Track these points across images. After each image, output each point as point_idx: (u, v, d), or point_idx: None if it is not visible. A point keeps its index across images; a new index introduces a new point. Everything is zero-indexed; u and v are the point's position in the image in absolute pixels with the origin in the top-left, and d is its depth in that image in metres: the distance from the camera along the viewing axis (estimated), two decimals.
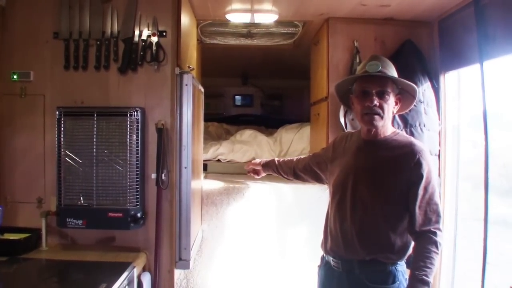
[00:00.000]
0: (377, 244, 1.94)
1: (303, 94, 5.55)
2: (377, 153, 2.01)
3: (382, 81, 1.97)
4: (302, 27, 3.68)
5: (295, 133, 4.46)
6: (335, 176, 2.11)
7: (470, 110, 3.07)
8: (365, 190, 1.96)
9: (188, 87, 2.60)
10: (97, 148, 2.43)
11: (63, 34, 2.54)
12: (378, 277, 1.93)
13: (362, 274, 1.94)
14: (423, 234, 1.88)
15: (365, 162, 2.01)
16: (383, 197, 1.94)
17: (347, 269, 1.99)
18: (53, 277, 2.21)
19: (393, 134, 2.04)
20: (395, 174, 1.93)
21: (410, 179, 1.90)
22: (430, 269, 1.81)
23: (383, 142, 2.02)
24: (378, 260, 1.93)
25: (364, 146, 2.06)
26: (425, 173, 1.89)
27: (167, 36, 2.56)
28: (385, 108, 1.96)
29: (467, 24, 2.75)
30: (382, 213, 1.93)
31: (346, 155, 2.11)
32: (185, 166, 2.61)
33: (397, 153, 1.96)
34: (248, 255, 3.28)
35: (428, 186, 1.90)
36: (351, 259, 1.98)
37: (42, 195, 2.58)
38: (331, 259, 2.07)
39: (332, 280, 2.06)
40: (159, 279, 2.56)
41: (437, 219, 1.90)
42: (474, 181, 2.98)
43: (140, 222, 2.47)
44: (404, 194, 1.91)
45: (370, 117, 1.96)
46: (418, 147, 1.95)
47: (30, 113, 2.58)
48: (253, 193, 3.34)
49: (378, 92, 1.95)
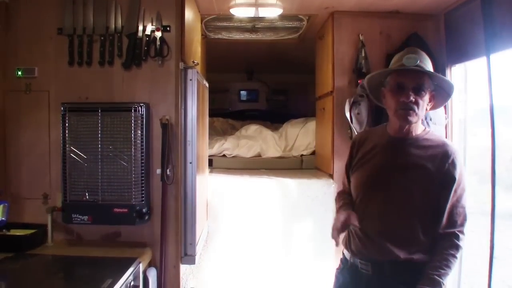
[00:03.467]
0: (409, 243, 1.86)
1: (308, 89, 5.53)
2: (410, 152, 1.92)
3: (419, 76, 1.88)
4: (307, 21, 3.66)
5: (301, 128, 4.46)
6: (364, 175, 2.03)
7: (477, 104, 3.05)
8: (399, 188, 1.90)
9: (192, 82, 2.59)
10: (102, 144, 2.43)
11: (67, 30, 2.54)
12: (411, 278, 1.83)
13: (394, 276, 1.87)
14: (446, 236, 1.83)
15: (398, 161, 1.93)
16: (416, 196, 1.88)
17: (378, 271, 1.90)
18: (59, 272, 2.22)
19: (424, 133, 1.97)
20: (429, 174, 1.86)
21: (443, 180, 1.85)
22: (445, 270, 1.77)
23: (414, 140, 1.94)
24: (411, 262, 1.85)
25: (394, 144, 1.97)
26: (457, 175, 1.84)
27: (171, 31, 2.55)
28: (420, 105, 1.87)
29: (473, 16, 2.72)
30: (415, 212, 1.87)
31: (374, 154, 2.02)
32: (190, 161, 2.60)
33: (431, 152, 1.89)
34: (253, 250, 3.27)
35: (458, 188, 1.85)
36: (382, 261, 1.89)
37: (47, 191, 2.58)
38: (358, 261, 1.97)
39: (359, 283, 1.96)
40: (165, 274, 2.56)
41: (462, 222, 1.84)
42: (480, 175, 2.96)
43: (145, 217, 2.47)
44: (436, 194, 1.85)
45: (405, 113, 1.87)
46: (452, 147, 1.90)
47: (35, 109, 2.58)
48: (259, 188, 3.34)
49: (414, 88, 1.86)
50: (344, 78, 3.23)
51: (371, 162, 2.01)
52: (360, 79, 3.04)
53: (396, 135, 1.97)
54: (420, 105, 1.87)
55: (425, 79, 1.89)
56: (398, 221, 1.89)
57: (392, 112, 1.94)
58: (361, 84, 2.94)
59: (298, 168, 4.11)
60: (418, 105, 1.87)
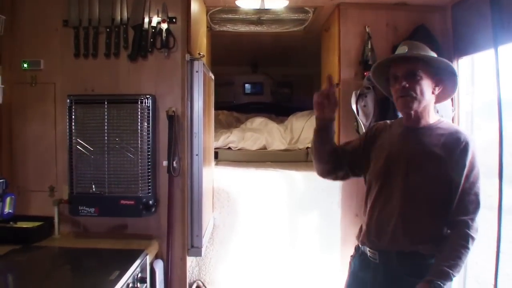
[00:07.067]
0: (421, 233, 1.87)
1: (313, 81, 5.51)
2: (423, 140, 1.93)
3: (410, 63, 1.92)
4: (312, 13, 3.64)
5: (306, 120, 4.44)
6: (378, 165, 2.03)
7: (483, 96, 3.03)
8: (412, 178, 1.90)
9: (198, 73, 2.58)
10: (108, 136, 2.43)
11: (73, 22, 2.53)
12: (417, 270, 1.83)
13: (401, 267, 1.87)
14: (458, 224, 1.82)
15: (411, 150, 1.94)
16: (430, 184, 1.88)
17: (385, 260, 1.92)
18: (66, 264, 2.22)
19: (438, 122, 1.97)
20: (442, 162, 1.86)
21: (455, 167, 1.84)
22: (455, 261, 1.75)
23: (427, 129, 1.95)
24: (418, 252, 1.85)
25: (408, 133, 1.99)
26: (468, 161, 1.84)
27: (177, 22, 2.54)
28: (417, 90, 1.89)
29: (481, 8, 2.69)
30: (428, 201, 1.88)
31: (389, 144, 2.03)
32: (196, 153, 2.60)
33: (444, 140, 1.89)
34: (259, 242, 3.28)
35: (470, 174, 1.84)
36: (389, 251, 1.90)
37: (54, 184, 2.59)
38: (368, 249, 1.99)
39: (368, 271, 1.98)
40: (171, 266, 2.57)
41: (475, 210, 1.83)
42: (485, 169, 2.95)
43: (152, 209, 2.47)
44: (449, 182, 1.85)
45: (403, 100, 1.91)
46: (464, 134, 1.90)
47: (41, 101, 2.58)
48: (264, 180, 3.33)
49: (406, 74, 1.90)
50: (350, 70, 3.20)
51: (385, 153, 2.01)
52: (367, 71, 3.02)
53: (408, 125, 1.99)
54: (417, 90, 1.89)
55: (418, 65, 1.91)
56: (411, 210, 1.89)
57: (395, 103, 1.99)
58: (368, 76, 2.92)
59: (304, 161, 4.09)
60: (415, 90, 1.89)
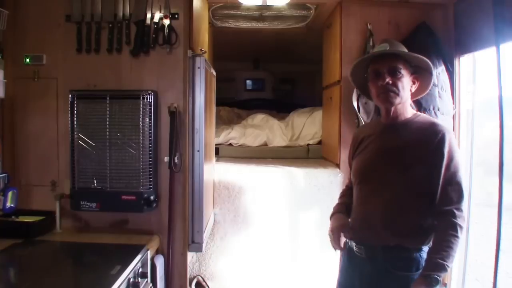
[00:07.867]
0: (403, 227, 1.89)
1: (314, 78, 5.52)
2: (400, 135, 1.97)
3: (392, 59, 1.96)
4: (314, 9, 3.64)
5: (307, 117, 4.45)
6: (359, 162, 2.09)
7: (484, 94, 3.03)
8: (391, 172, 1.93)
9: (200, 70, 2.58)
10: (110, 131, 2.44)
11: (75, 17, 2.53)
12: (402, 264, 1.87)
13: (386, 261, 1.89)
14: (443, 215, 1.83)
15: (390, 144, 1.98)
16: (409, 178, 1.90)
17: (370, 255, 1.95)
18: (67, 259, 2.24)
19: (414, 116, 2.02)
20: (420, 154, 1.89)
21: (433, 158, 1.87)
22: (447, 252, 1.76)
23: (405, 124, 1.99)
24: (403, 246, 1.88)
25: (386, 130, 2.03)
26: (446, 151, 1.86)
27: (179, 18, 2.54)
28: (399, 86, 1.94)
29: (483, 5, 2.69)
30: (408, 194, 1.90)
31: (369, 142, 2.08)
32: (198, 149, 2.61)
33: (421, 133, 1.93)
34: (259, 239, 3.29)
35: (450, 164, 1.86)
36: (374, 245, 1.94)
37: (55, 178, 2.60)
38: (354, 244, 2.03)
39: (355, 267, 2.02)
40: (172, 261, 2.58)
41: (459, 199, 1.84)
42: (486, 167, 2.95)
43: (153, 205, 2.48)
44: (429, 175, 1.87)
45: (386, 95, 1.95)
46: (440, 126, 1.93)
47: (43, 96, 2.59)
48: (265, 177, 3.34)
49: (389, 70, 1.94)
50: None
51: (366, 150, 2.08)
52: None
53: (387, 122, 2.04)
54: (399, 87, 1.95)
55: (399, 62, 1.96)
56: (392, 204, 1.92)
57: (376, 98, 2.03)
58: None
59: (305, 158, 4.11)
60: (397, 86, 1.94)
